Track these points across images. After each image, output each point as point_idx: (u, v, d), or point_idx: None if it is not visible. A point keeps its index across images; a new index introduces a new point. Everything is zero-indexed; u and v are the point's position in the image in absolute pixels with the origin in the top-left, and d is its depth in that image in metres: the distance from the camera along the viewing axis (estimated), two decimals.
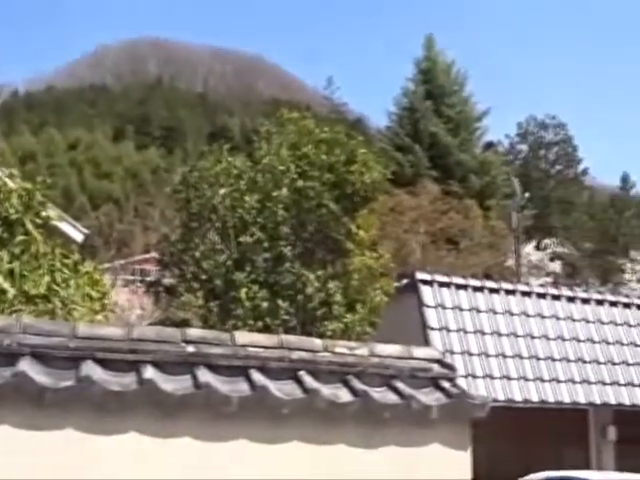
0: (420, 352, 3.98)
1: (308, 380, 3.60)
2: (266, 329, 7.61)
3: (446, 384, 3.82)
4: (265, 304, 7.94)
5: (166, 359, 3.47)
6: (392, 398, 3.68)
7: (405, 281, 11.24)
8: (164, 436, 3.30)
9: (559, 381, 11.00)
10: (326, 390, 3.58)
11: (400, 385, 3.75)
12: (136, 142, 61.60)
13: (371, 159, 7.89)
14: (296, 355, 3.71)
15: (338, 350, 3.85)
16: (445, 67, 36.49)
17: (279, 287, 8.13)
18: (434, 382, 3.84)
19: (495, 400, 10.26)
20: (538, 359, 11.03)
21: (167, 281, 10.14)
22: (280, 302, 7.96)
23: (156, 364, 3.43)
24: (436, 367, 3.90)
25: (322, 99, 58.09)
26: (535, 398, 10.67)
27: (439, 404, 3.68)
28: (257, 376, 3.54)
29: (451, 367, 3.93)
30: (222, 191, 8.61)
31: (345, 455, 3.58)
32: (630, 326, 12.18)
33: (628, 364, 11.70)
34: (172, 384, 3.36)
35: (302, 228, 8.35)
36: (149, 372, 3.35)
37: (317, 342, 3.89)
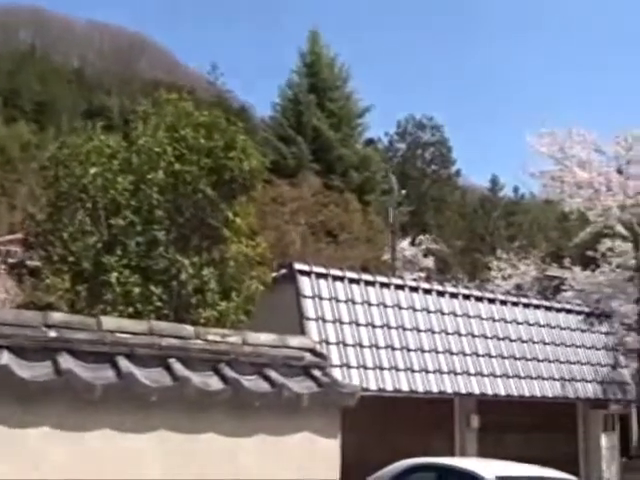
0: (293, 341, 3.96)
1: (178, 368, 3.50)
2: (137, 315, 7.36)
3: (318, 373, 3.82)
4: (137, 289, 7.68)
5: (25, 344, 3.26)
6: (263, 386, 3.64)
7: (283, 271, 11.26)
8: (21, 425, 3.10)
9: (428, 371, 11.41)
10: (196, 378, 3.49)
11: (272, 373, 3.72)
12: (4, 115, 57.96)
13: (251, 147, 7.78)
14: (166, 342, 3.59)
15: (210, 338, 3.76)
16: (329, 62, 36.90)
17: (152, 272, 7.87)
18: (306, 371, 3.84)
19: (367, 389, 10.50)
20: (409, 350, 11.38)
21: (32, 263, 9.58)
22: (153, 288, 7.72)
23: (13, 349, 3.22)
24: (309, 356, 3.90)
25: (206, 85, 57.18)
26: (405, 388, 11.01)
27: (310, 392, 3.68)
28: (124, 363, 3.39)
29: (323, 356, 3.94)
30: (93, 170, 8.21)
31: (214, 443, 3.52)
32: (494, 320, 12.83)
33: (491, 356, 12.32)
34: (30, 370, 3.16)
35: (178, 213, 8.14)
36: (4, 358, 3.13)
37: (188, 329, 3.78)
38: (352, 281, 11.37)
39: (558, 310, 14.19)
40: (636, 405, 15.24)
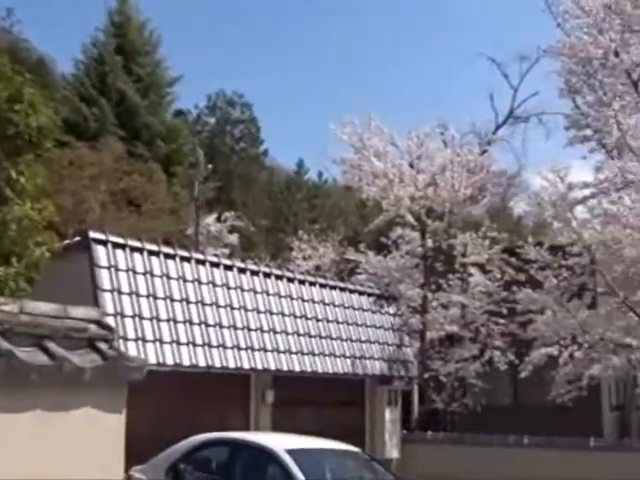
0: (77, 312, 3.68)
1: None
2: None
3: (103, 346, 3.58)
4: None
5: None
6: (41, 359, 3.34)
7: (77, 239, 10.59)
8: None
9: (225, 347, 11.36)
10: None
11: (52, 345, 3.41)
12: None
13: (41, 101, 7.07)
14: None
15: None
16: (138, 25, 35.34)
17: None
18: (90, 343, 3.58)
19: (163, 364, 10.23)
20: (207, 325, 11.26)
21: None
22: None
23: None
24: (94, 328, 3.64)
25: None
26: (202, 363, 10.88)
27: (94, 366, 3.44)
28: None
29: (109, 328, 3.70)
30: None
31: None
32: (292, 299, 13.09)
33: (287, 333, 12.57)
34: None
35: None
36: None
37: None
38: (151, 253, 10.98)
39: (352, 291, 14.82)
40: (417, 382, 16.40)
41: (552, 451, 13.40)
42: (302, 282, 13.56)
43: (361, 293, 15.05)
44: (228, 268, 12.19)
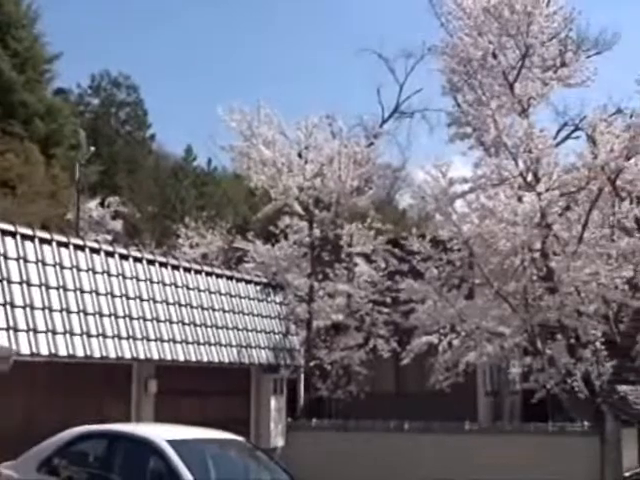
0: None
1: None
2: None
3: None
4: None
5: None
6: None
7: None
8: None
9: (106, 336, 10.97)
10: None
11: None
12: None
13: None
14: None
15: None
16: None
17: None
18: None
19: (38, 354, 9.75)
20: (86, 314, 10.81)
21: None
22: None
23: None
24: None
25: None
26: (80, 353, 10.44)
27: None
28: None
29: None
30: None
31: None
32: (177, 287, 12.83)
33: (172, 322, 12.31)
34: None
35: None
36: None
37: None
38: (25, 237, 10.40)
39: (239, 280, 14.71)
40: (303, 370, 16.54)
41: (430, 435, 13.93)
42: (187, 270, 13.30)
43: (248, 282, 14.97)
44: (109, 255, 11.75)
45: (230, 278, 14.44)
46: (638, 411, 12.55)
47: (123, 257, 11.97)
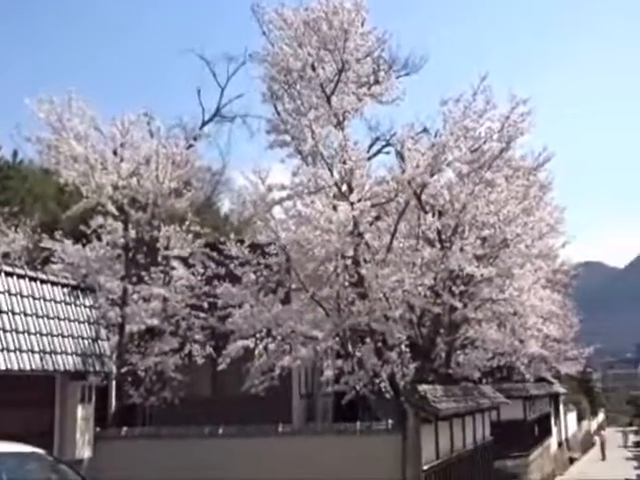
0: None
1: None
2: None
3: None
4: None
5: None
6: None
7: None
8: None
9: None
10: None
11: None
12: None
13: None
14: None
15: None
16: None
17: None
18: None
19: None
20: None
21: None
22: None
23: None
24: None
25: None
26: None
27: None
28: None
29: None
30: None
31: None
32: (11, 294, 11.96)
33: (5, 330, 11.46)
34: None
35: None
36: None
37: None
38: None
39: (44, 281, 13.84)
40: (115, 377, 15.92)
41: (244, 439, 14.02)
42: None
43: (54, 283, 14.11)
44: None
45: (34, 279, 13.53)
46: (436, 409, 13.47)
47: None
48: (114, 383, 16.38)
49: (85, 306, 14.78)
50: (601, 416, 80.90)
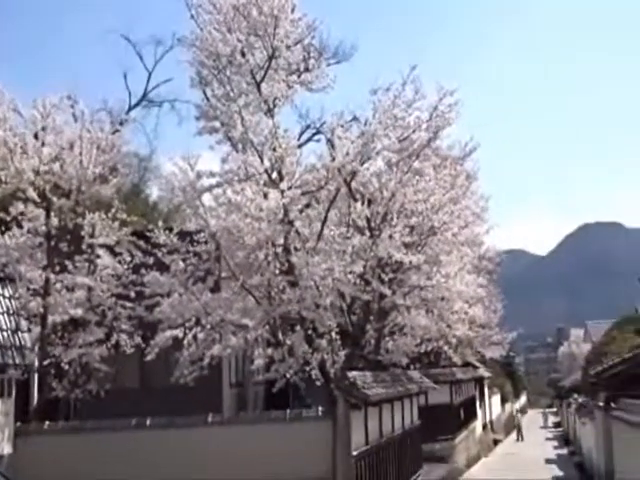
0: None
1: None
2: None
3: None
4: None
5: None
6: None
7: None
8: None
9: None
10: None
11: None
12: None
13: None
14: None
15: None
16: None
17: None
18: None
19: None
20: None
21: None
22: None
23: None
24: None
25: None
26: None
27: None
28: None
29: None
30: None
31: None
32: None
33: None
34: None
35: None
36: None
37: None
38: None
39: None
40: (37, 369, 15.39)
41: (173, 430, 13.82)
42: None
43: None
44: None
45: None
46: (365, 395, 13.61)
47: None
48: (36, 376, 15.82)
49: (4, 297, 14.25)
50: (523, 399, 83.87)
